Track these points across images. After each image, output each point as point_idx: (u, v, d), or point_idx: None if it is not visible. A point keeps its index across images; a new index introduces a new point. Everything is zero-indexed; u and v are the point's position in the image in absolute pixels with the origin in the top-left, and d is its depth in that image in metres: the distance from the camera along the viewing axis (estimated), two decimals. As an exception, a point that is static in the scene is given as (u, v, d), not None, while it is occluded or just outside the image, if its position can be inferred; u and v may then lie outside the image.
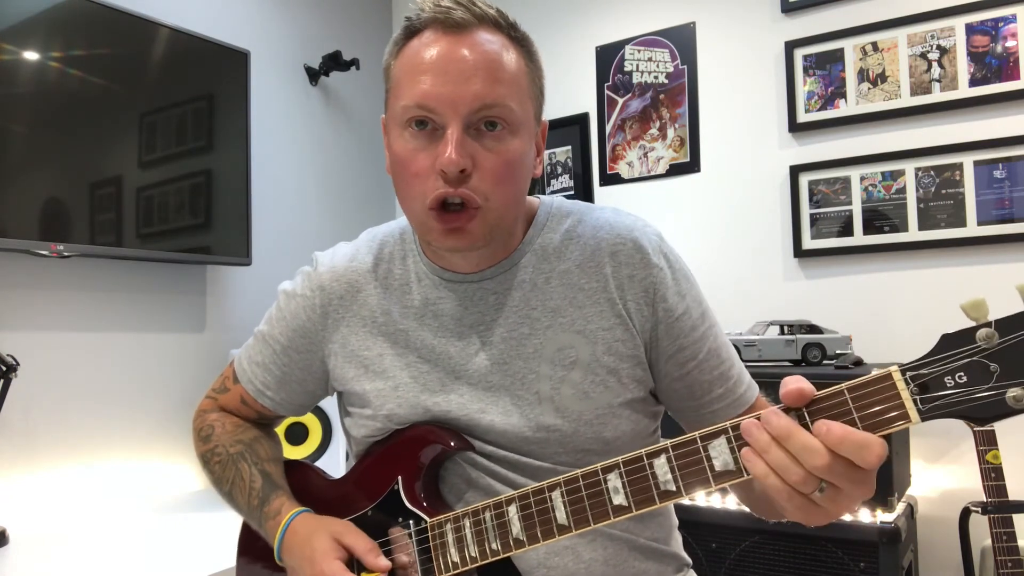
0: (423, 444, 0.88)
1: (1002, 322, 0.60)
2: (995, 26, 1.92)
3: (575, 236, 0.92)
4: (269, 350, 1.00)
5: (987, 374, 0.60)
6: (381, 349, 0.93)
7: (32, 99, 1.70)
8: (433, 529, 0.85)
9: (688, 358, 0.90)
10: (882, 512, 1.64)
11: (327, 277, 0.97)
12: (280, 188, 2.43)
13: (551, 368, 0.88)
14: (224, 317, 2.23)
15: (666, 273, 0.89)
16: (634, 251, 0.89)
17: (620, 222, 0.92)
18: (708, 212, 2.32)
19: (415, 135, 0.82)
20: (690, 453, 0.69)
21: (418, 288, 0.93)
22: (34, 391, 1.76)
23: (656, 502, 0.71)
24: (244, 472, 0.97)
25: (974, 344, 0.61)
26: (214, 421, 1.04)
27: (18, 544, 1.55)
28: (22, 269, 1.77)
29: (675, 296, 0.89)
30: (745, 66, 2.26)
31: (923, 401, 0.62)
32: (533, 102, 0.87)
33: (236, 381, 1.04)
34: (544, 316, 0.89)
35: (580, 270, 0.90)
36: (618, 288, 0.89)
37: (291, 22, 2.50)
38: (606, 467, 0.74)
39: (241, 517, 1.00)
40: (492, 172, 0.81)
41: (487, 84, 0.80)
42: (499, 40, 0.83)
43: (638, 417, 0.91)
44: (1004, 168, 1.90)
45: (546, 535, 0.77)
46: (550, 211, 0.95)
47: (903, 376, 0.62)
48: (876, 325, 2.03)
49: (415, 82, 0.81)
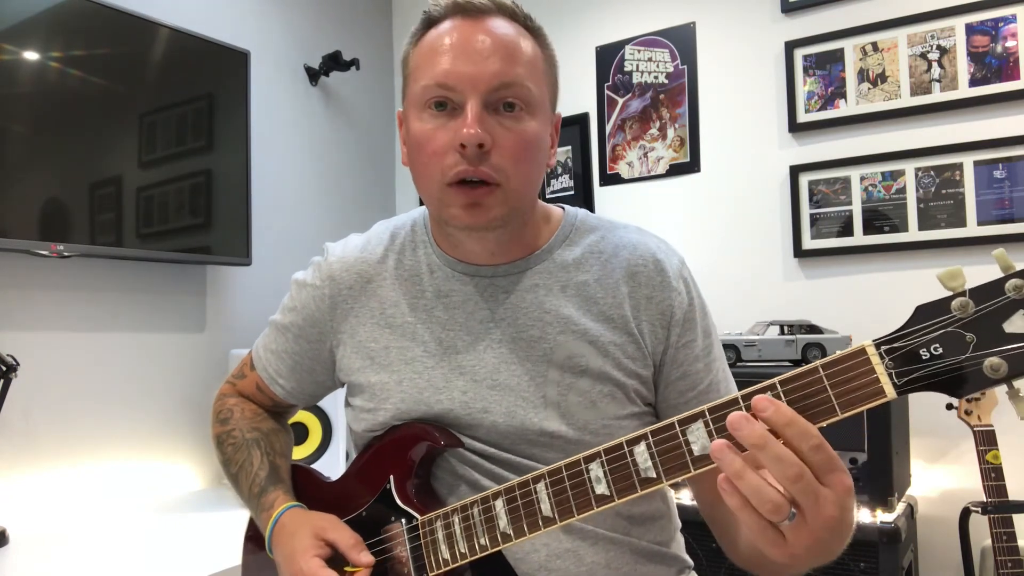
0: (414, 442, 0.88)
1: (977, 290, 0.59)
2: (995, 26, 1.92)
3: (597, 251, 0.92)
4: (282, 338, 1.01)
5: (963, 344, 0.58)
6: (388, 341, 0.93)
7: (32, 99, 1.70)
8: (424, 526, 0.85)
9: (687, 388, 0.90)
10: (882, 512, 1.64)
11: (337, 267, 0.97)
12: (280, 188, 2.43)
13: (560, 374, 0.87)
14: (224, 317, 2.23)
15: (684, 299, 0.90)
16: (655, 273, 0.90)
17: (643, 243, 0.93)
18: (708, 212, 2.32)
19: (434, 115, 0.83)
20: (669, 439, 0.68)
21: (429, 279, 0.93)
22: (34, 391, 1.76)
23: (637, 490, 0.70)
24: (255, 458, 0.98)
25: (949, 314, 0.59)
26: (233, 406, 1.06)
27: (18, 544, 1.55)
28: (22, 269, 1.77)
29: (688, 323, 0.90)
30: (745, 66, 2.26)
31: (899, 375, 0.60)
32: (549, 89, 0.89)
33: (253, 368, 1.06)
34: (556, 322, 0.88)
35: (598, 284, 0.90)
36: (633, 308, 0.89)
37: (291, 22, 2.50)
38: (588, 456, 0.73)
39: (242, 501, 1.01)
40: (511, 150, 0.81)
41: (506, 63, 0.81)
42: (515, 27, 0.85)
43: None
44: (1004, 168, 1.90)
45: (532, 527, 0.76)
46: (575, 223, 0.95)
47: (877, 350, 0.61)
48: (876, 325, 2.01)
49: (434, 64, 0.82)
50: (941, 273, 0.60)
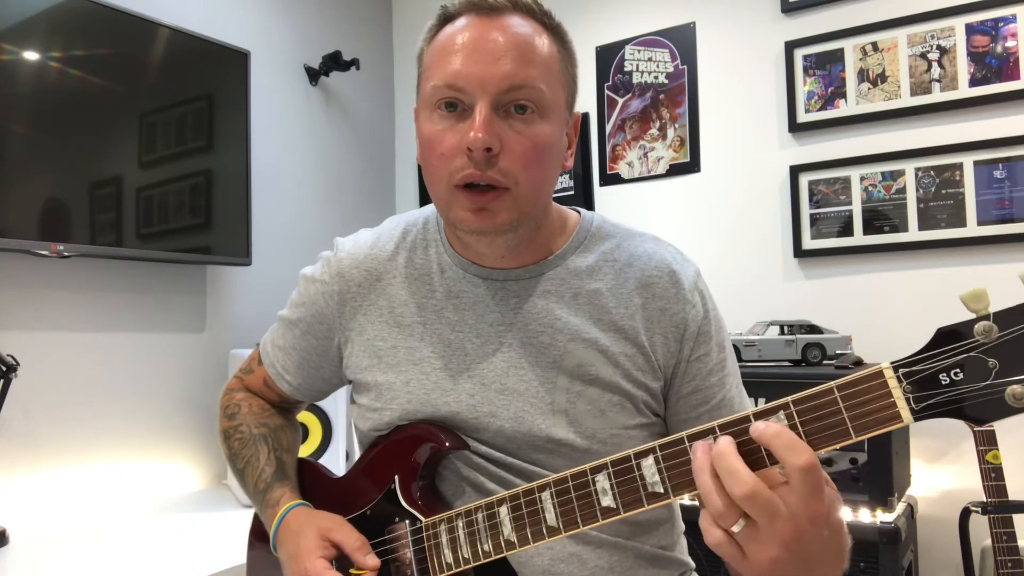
0: (419, 443, 0.88)
1: (1001, 315, 0.56)
2: (995, 26, 1.92)
3: (611, 260, 0.90)
4: (290, 334, 1.00)
5: (985, 370, 0.56)
6: (396, 341, 0.92)
7: (32, 99, 1.70)
8: (428, 529, 0.84)
9: (700, 402, 0.89)
10: (882, 512, 1.64)
11: (347, 264, 0.96)
12: (280, 188, 2.43)
13: (569, 381, 0.86)
14: (224, 317, 2.23)
15: (699, 311, 0.88)
16: (670, 285, 0.88)
17: (659, 253, 0.91)
18: (708, 212, 2.32)
19: (444, 116, 0.81)
20: (678, 453, 0.67)
21: (440, 280, 0.92)
22: (34, 391, 1.76)
23: (644, 504, 0.69)
24: (261, 454, 0.98)
25: (972, 339, 0.57)
26: (240, 401, 1.05)
27: (18, 544, 1.55)
28: (22, 269, 1.77)
29: (703, 336, 0.88)
30: (745, 66, 2.26)
31: (916, 400, 0.58)
32: (565, 89, 0.86)
33: (261, 363, 1.05)
34: (567, 329, 0.87)
35: (611, 293, 0.88)
36: (646, 320, 0.87)
37: (291, 22, 2.50)
38: (595, 468, 0.72)
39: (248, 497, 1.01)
40: (521, 155, 0.79)
41: (517, 65, 0.79)
42: (532, 25, 0.83)
43: (652, 440, 0.90)
44: (1004, 168, 1.90)
45: (536, 536, 0.75)
46: (590, 229, 0.94)
47: (895, 373, 0.59)
48: (876, 325, 2.03)
49: (446, 63, 0.80)
50: (964, 294, 0.57)
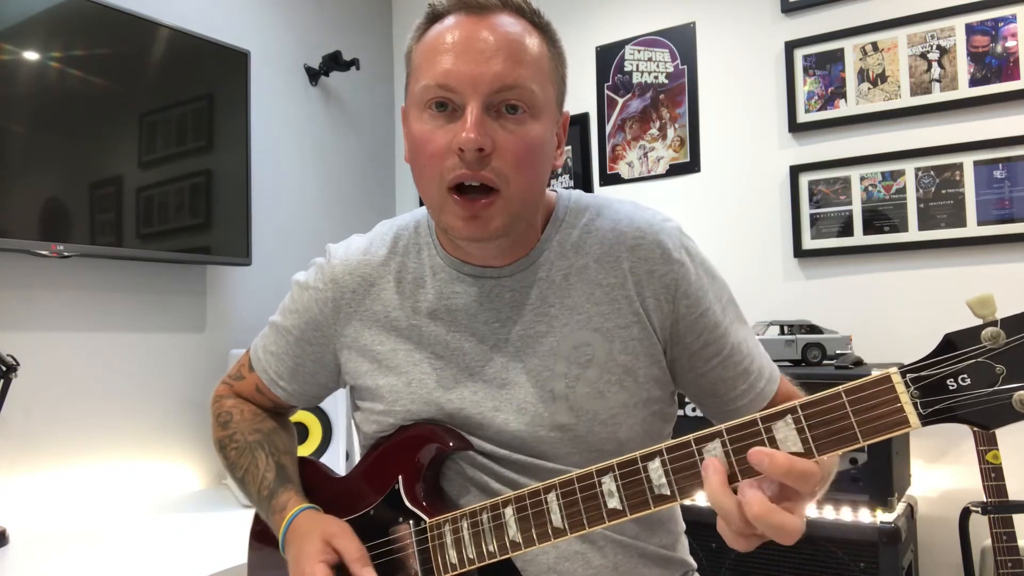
0: (423, 443, 0.88)
1: (1009, 320, 0.57)
2: (995, 26, 1.92)
3: (593, 230, 0.90)
4: (283, 341, 1.00)
5: (992, 376, 0.57)
6: (394, 344, 0.92)
7: (32, 99, 1.70)
8: (432, 529, 0.85)
9: (712, 355, 0.89)
10: (882, 512, 1.64)
11: (340, 270, 0.95)
12: (280, 188, 2.43)
13: (567, 366, 0.86)
14: (224, 317, 2.23)
15: (688, 269, 0.88)
16: (655, 246, 0.87)
17: (640, 216, 0.90)
18: (708, 212, 2.32)
19: (434, 116, 0.80)
20: (685, 456, 0.67)
21: (433, 282, 0.92)
22: (34, 391, 1.76)
23: (651, 506, 0.69)
24: (260, 461, 0.98)
25: (979, 344, 0.57)
26: (231, 408, 1.04)
27: (18, 544, 1.55)
28: (22, 269, 1.76)
29: (697, 292, 0.88)
30: (745, 66, 2.26)
31: (924, 405, 0.58)
32: (555, 88, 0.86)
33: (252, 369, 1.04)
34: (561, 313, 0.87)
35: (598, 265, 0.88)
36: (636, 285, 0.87)
37: (291, 22, 2.50)
38: (601, 469, 0.72)
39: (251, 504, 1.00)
40: (513, 155, 0.79)
41: (508, 64, 0.78)
42: (522, 24, 0.83)
43: (653, 419, 0.90)
44: (1004, 168, 1.90)
45: (542, 538, 0.75)
46: (568, 205, 0.93)
47: (903, 378, 0.59)
48: (876, 325, 2.03)
49: (436, 62, 0.80)
50: (971, 300, 0.58)
